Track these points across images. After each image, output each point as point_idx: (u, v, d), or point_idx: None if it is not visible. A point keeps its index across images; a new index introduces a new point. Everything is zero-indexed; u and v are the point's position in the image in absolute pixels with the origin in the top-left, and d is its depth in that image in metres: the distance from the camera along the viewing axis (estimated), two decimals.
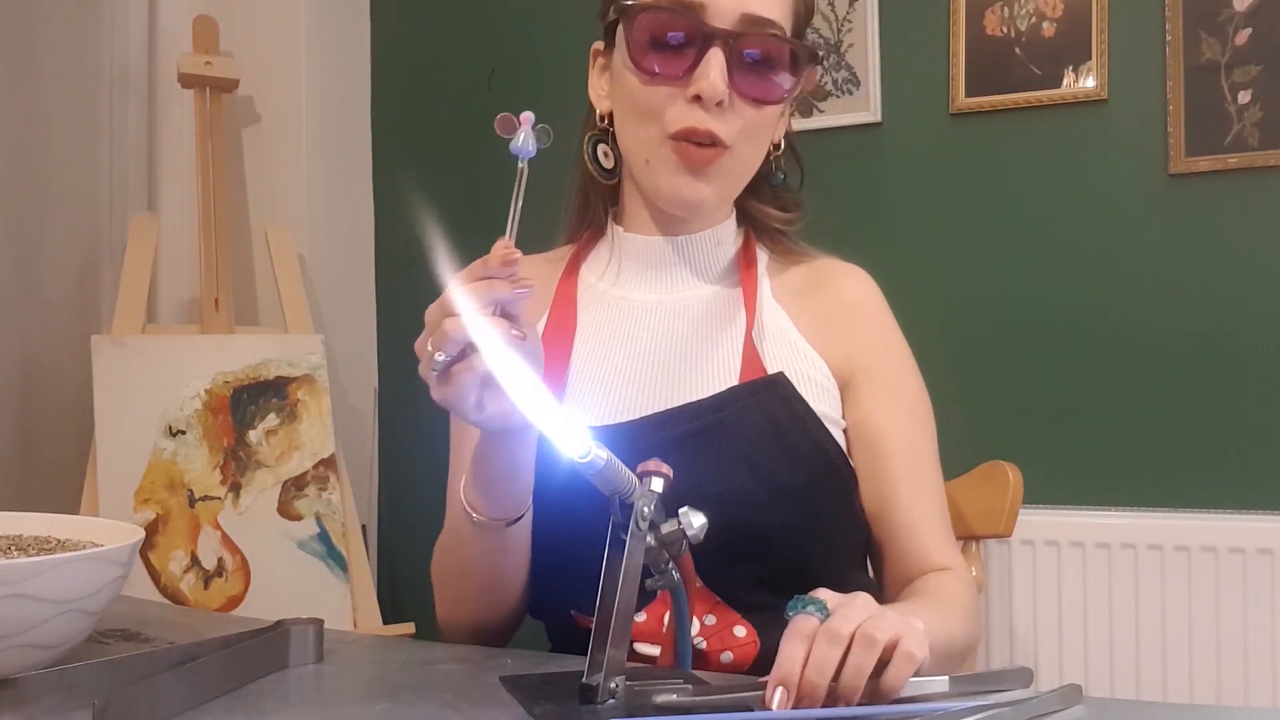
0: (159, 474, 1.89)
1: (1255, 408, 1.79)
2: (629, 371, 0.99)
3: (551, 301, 1.05)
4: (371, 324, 2.44)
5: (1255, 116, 1.78)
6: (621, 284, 1.05)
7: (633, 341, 1.01)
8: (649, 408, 0.95)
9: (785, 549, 0.91)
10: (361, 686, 0.81)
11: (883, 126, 2.01)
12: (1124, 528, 1.77)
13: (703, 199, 0.97)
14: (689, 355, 0.99)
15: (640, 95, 0.96)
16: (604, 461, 0.66)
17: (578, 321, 1.03)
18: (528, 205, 0.75)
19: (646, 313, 1.03)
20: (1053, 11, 1.90)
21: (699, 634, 0.90)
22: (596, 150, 1.05)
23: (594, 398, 0.98)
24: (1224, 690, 1.71)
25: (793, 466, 0.91)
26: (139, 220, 2.07)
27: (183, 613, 1.34)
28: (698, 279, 1.04)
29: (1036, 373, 1.90)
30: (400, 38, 2.45)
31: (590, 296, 1.05)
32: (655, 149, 0.96)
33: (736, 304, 1.02)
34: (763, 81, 0.95)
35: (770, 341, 0.99)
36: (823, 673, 0.65)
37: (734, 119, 0.94)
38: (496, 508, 0.85)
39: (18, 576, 0.70)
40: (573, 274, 1.07)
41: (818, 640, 0.66)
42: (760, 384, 0.95)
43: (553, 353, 1.00)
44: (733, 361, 0.97)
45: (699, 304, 1.03)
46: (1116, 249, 1.88)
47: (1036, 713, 0.68)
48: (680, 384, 0.97)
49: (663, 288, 1.03)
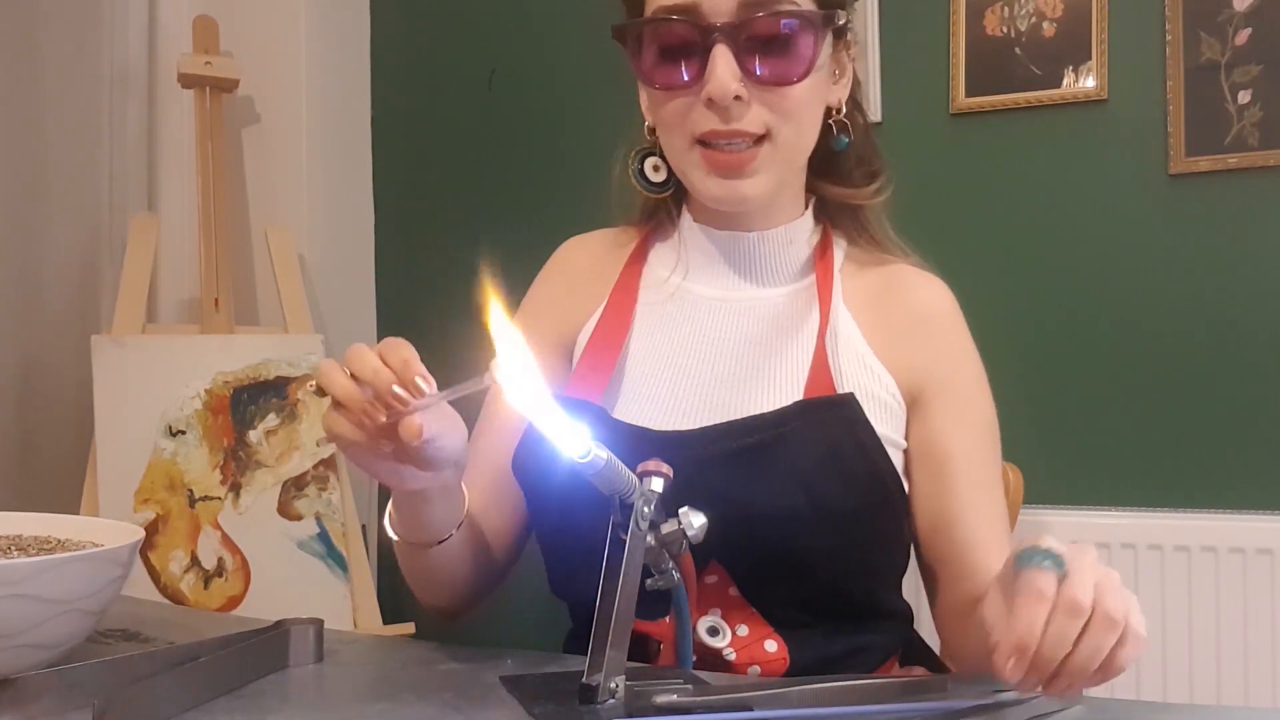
0: (159, 474, 1.88)
1: (1255, 408, 1.79)
2: (691, 373, 0.97)
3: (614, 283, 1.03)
4: (371, 324, 2.43)
5: (1255, 116, 1.78)
6: (688, 276, 1.02)
7: (696, 340, 0.99)
8: (709, 417, 0.92)
9: (828, 571, 0.89)
10: (361, 686, 0.80)
11: (883, 126, 2.01)
12: (1124, 528, 1.77)
13: (746, 196, 0.94)
14: (756, 361, 0.96)
15: (662, 108, 0.94)
16: (604, 461, 0.66)
17: (636, 313, 1.01)
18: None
19: (712, 310, 1.00)
20: (1053, 11, 1.90)
21: (730, 644, 0.89)
22: (644, 165, 1.02)
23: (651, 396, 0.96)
24: (1224, 690, 1.70)
25: (847, 491, 0.87)
26: (139, 220, 2.07)
27: (183, 613, 1.34)
28: (769, 278, 1.01)
29: (1036, 373, 1.90)
30: (400, 38, 2.45)
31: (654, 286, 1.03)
32: (685, 156, 0.95)
33: (810, 308, 0.98)
34: (778, 62, 0.91)
35: (840, 352, 0.96)
36: (1061, 648, 0.62)
37: (760, 109, 0.91)
38: (413, 536, 0.86)
39: (18, 576, 0.70)
40: (638, 263, 1.05)
41: (1058, 611, 0.62)
42: (826, 403, 0.90)
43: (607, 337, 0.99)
44: (800, 371, 0.94)
45: (769, 306, 0.99)
46: (1116, 249, 1.88)
47: (1036, 712, 0.68)
48: (744, 393, 0.94)
49: (729, 285, 1.01)
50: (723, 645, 0.88)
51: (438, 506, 0.83)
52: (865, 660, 0.94)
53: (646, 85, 0.94)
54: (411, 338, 0.74)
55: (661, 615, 0.88)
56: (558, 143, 2.24)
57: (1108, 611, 0.62)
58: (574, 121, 2.22)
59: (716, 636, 0.88)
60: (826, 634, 0.90)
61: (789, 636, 0.89)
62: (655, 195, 1.03)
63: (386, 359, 0.71)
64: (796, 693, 0.66)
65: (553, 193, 2.21)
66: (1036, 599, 0.62)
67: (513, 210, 2.27)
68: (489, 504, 0.99)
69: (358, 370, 0.71)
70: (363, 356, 0.71)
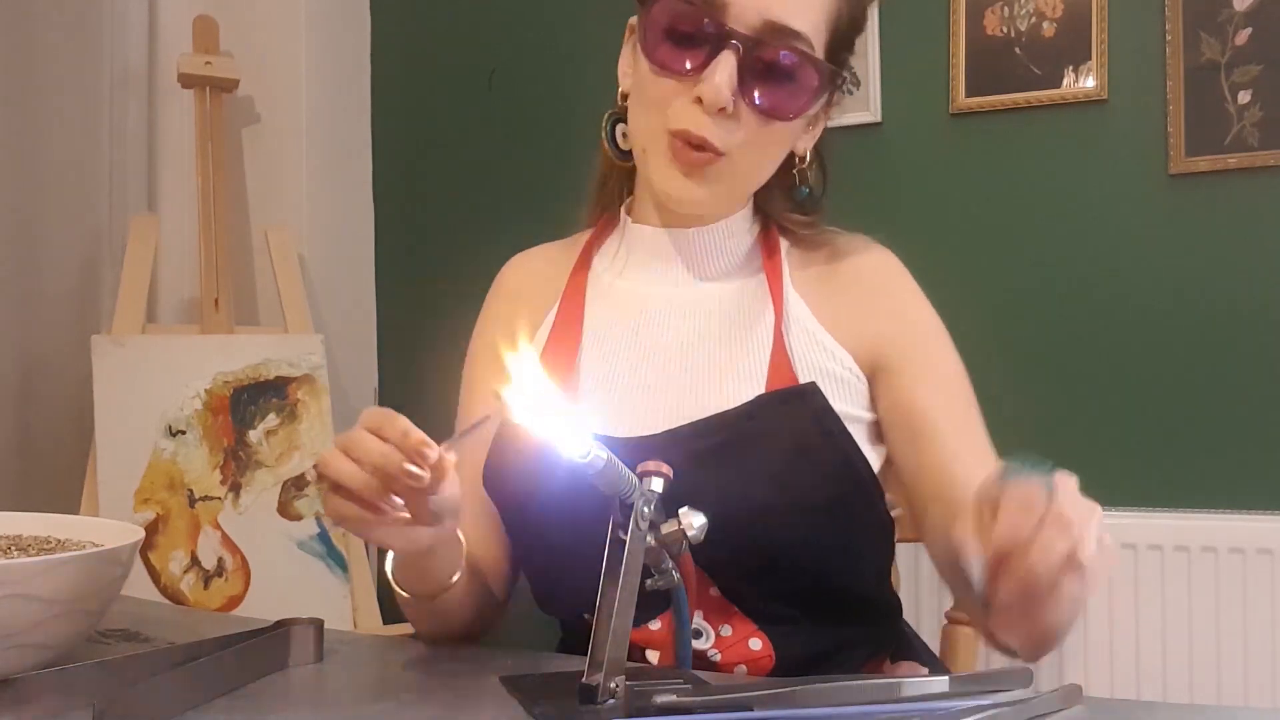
0: (159, 474, 1.89)
1: (1255, 408, 1.79)
2: (649, 376, 0.95)
3: (562, 294, 1.02)
4: (371, 324, 2.43)
5: (1255, 116, 1.78)
6: (629, 275, 1.01)
7: (650, 339, 0.97)
8: (673, 418, 0.91)
9: (808, 564, 0.88)
10: (362, 687, 0.81)
11: (883, 126, 2.01)
12: (1124, 528, 1.77)
13: (695, 200, 0.93)
14: (714, 356, 0.95)
15: (649, 84, 0.92)
16: (604, 462, 0.66)
17: (585, 317, 1.00)
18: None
19: (661, 309, 0.98)
20: (1053, 11, 1.90)
21: (714, 645, 0.88)
22: (615, 129, 1.00)
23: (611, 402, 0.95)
24: (1224, 690, 1.70)
25: (819, 481, 0.87)
26: (139, 220, 2.07)
27: (183, 613, 1.35)
28: (713, 272, 0.99)
29: (1035, 372, 1.90)
30: (400, 38, 2.45)
31: (599, 289, 1.02)
32: (654, 140, 0.93)
33: (762, 298, 0.97)
34: (775, 95, 0.90)
35: (794, 337, 0.94)
36: (1048, 563, 0.60)
37: (736, 128, 0.90)
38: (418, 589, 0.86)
39: (18, 576, 0.70)
40: (585, 266, 1.03)
41: (1049, 524, 0.61)
42: (789, 394, 0.90)
43: (560, 350, 0.98)
44: (760, 364, 0.93)
45: (719, 300, 0.98)
46: (1116, 249, 1.88)
47: (1037, 712, 0.68)
48: (706, 390, 0.93)
49: (674, 281, 0.99)
50: (706, 647, 0.88)
51: (441, 557, 0.84)
52: (854, 654, 0.94)
53: (646, 56, 0.92)
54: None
55: (644, 621, 0.88)
56: (558, 143, 2.24)
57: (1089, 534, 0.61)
58: (574, 121, 2.22)
59: (700, 639, 0.88)
60: (812, 628, 0.90)
61: (773, 633, 0.89)
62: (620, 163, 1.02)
63: (384, 435, 0.71)
64: (797, 692, 0.66)
65: (552, 192, 2.20)
66: (1027, 511, 0.61)
67: (513, 210, 2.27)
68: (479, 538, 0.98)
69: (363, 458, 0.71)
70: (363, 443, 0.71)
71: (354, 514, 0.72)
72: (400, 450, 0.70)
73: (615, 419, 0.93)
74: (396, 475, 0.70)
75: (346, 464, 0.71)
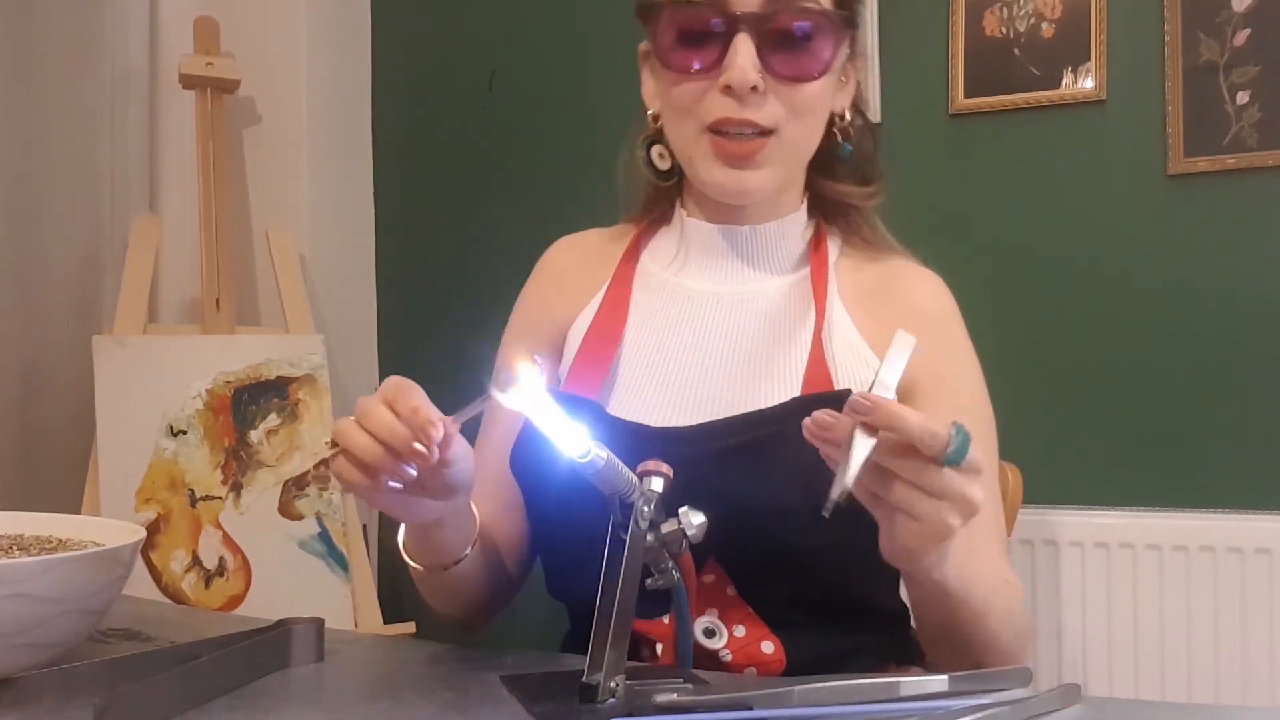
0: (160, 474, 1.89)
1: (1254, 408, 1.79)
2: (687, 369, 0.96)
3: (609, 283, 1.03)
4: (372, 324, 2.43)
5: (1254, 117, 1.78)
6: (681, 271, 1.02)
7: (693, 334, 0.98)
8: (707, 413, 0.92)
9: (826, 569, 0.88)
10: (362, 686, 0.81)
11: (882, 127, 2.01)
12: (1123, 528, 1.77)
13: (750, 189, 0.95)
14: (754, 356, 0.96)
15: (675, 92, 0.94)
16: (604, 461, 0.66)
17: (631, 306, 1.01)
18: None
19: (707, 304, 0.99)
20: (1051, 12, 1.90)
21: (726, 645, 0.88)
22: (650, 152, 1.02)
23: (648, 392, 0.95)
24: (1222, 689, 1.71)
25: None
26: (140, 220, 2.08)
27: (184, 612, 1.35)
28: (763, 272, 1.00)
29: (1035, 373, 1.90)
30: (400, 38, 2.45)
31: (648, 281, 1.03)
32: (695, 144, 0.94)
33: (805, 302, 0.98)
34: (798, 59, 0.92)
35: (836, 347, 0.95)
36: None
37: (774, 103, 0.92)
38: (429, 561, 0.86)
39: (19, 576, 0.71)
40: (632, 259, 1.04)
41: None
42: (825, 399, 0.89)
43: (603, 334, 0.98)
44: (798, 368, 0.94)
45: (765, 300, 0.99)
46: (1115, 250, 1.88)
47: (1035, 712, 0.68)
48: (743, 388, 0.94)
49: (724, 279, 1.00)
50: (719, 647, 0.88)
51: (451, 530, 0.84)
52: (862, 660, 0.94)
53: (663, 66, 0.94)
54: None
55: (658, 614, 0.88)
56: (558, 143, 2.24)
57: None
58: (574, 122, 2.22)
59: (713, 638, 0.88)
60: (823, 634, 0.90)
61: (785, 637, 0.89)
62: (662, 184, 1.03)
63: (396, 409, 0.71)
64: (797, 692, 0.67)
65: (552, 193, 2.21)
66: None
67: (513, 210, 2.27)
68: (497, 514, 0.99)
69: (374, 429, 0.71)
70: (376, 413, 0.71)
71: (359, 478, 0.73)
72: (408, 427, 0.70)
73: (650, 408, 0.94)
74: (404, 451, 0.70)
75: (359, 435, 0.71)
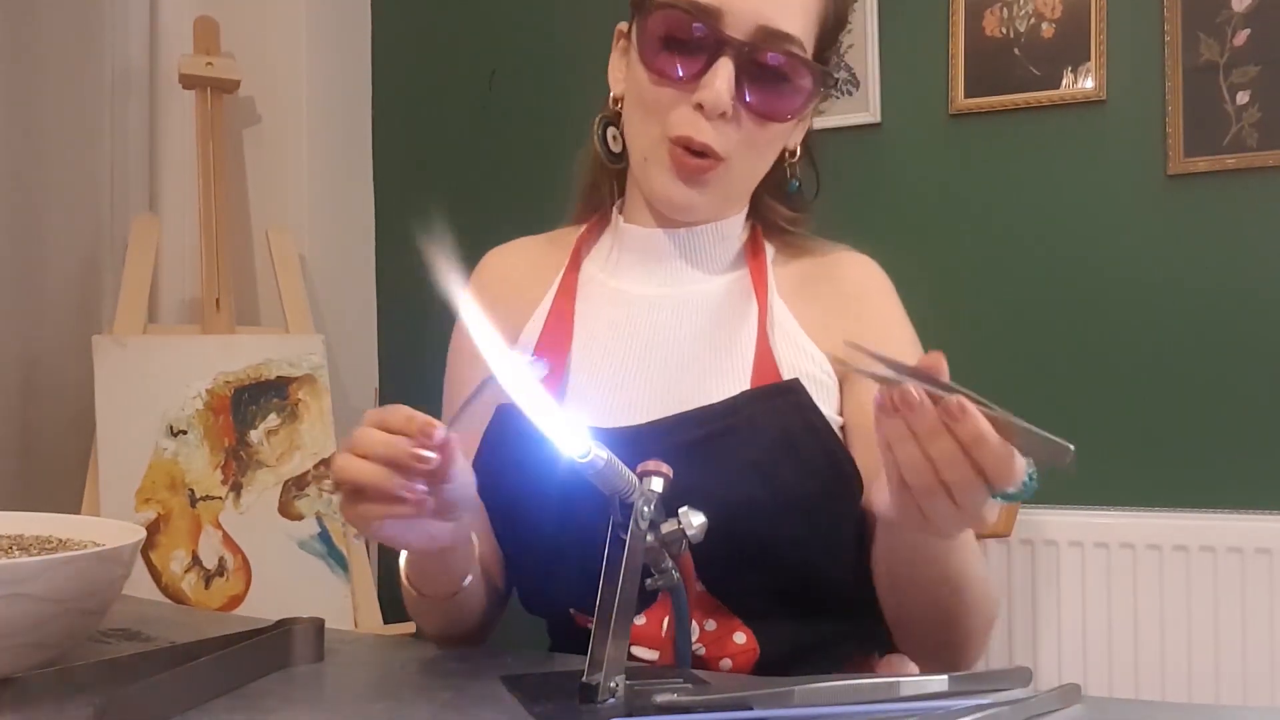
0: (160, 474, 1.89)
1: (1254, 408, 1.80)
2: (636, 370, 0.97)
3: (555, 291, 1.03)
4: (372, 324, 2.44)
5: (1254, 117, 1.78)
6: (620, 276, 1.02)
7: (638, 337, 0.98)
8: (658, 411, 0.92)
9: (793, 559, 0.89)
10: (362, 686, 0.81)
11: (882, 127, 2.02)
12: (1123, 527, 1.77)
13: (694, 205, 0.95)
14: (699, 354, 0.96)
15: (647, 92, 0.93)
16: (604, 461, 0.66)
17: (576, 314, 1.01)
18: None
19: (650, 306, 1.00)
20: (1051, 12, 1.90)
21: (699, 640, 0.89)
22: (606, 133, 1.02)
23: (598, 397, 0.96)
24: (1222, 689, 1.71)
25: (804, 476, 0.88)
26: (140, 220, 2.08)
27: (184, 612, 1.35)
28: (701, 273, 1.01)
29: (1034, 373, 1.90)
30: (400, 38, 2.46)
31: (590, 288, 1.03)
32: (653, 148, 0.94)
33: (747, 298, 0.99)
34: (771, 97, 0.92)
35: (778, 339, 0.96)
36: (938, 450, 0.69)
37: (734, 132, 0.92)
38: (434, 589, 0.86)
39: (19, 576, 0.70)
40: (576, 267, 1.05)
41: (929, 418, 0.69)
42: (774, 389, 0.91)
43: (552, 347, 0.99)
44: (745, 362, 0.94)
45: (707, 299, 1.00)
46: (1115, 250, 1.88)
47: (1035, 712, 0.68)
48: (690, 386, 0.94)
49: (663, 281, 1.01)
50: (691, 641, 0.88)
51: (457, 556, 0.83)
52: (839, 649, 0.94)
53: (642, 61, 0.94)
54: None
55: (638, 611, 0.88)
56: (558, 143, 2.24)
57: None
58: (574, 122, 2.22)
59: None
60: (796, 623, 0.90)
61: (758, 627, 0.89)
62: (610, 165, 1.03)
63: (388, 425, 0.70)
64: (797, 692, 0.67)
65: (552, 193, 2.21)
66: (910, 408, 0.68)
67: (513, 210, 2.26)
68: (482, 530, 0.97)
69: (370, 451, 0.70)
70: (368, 437, 0.71)
71: (376, 513, 0.71)
72: (405, 435, 0.70)
73: (601, 411, 0.94)
74: (407, 461, 0.69)
75: (357, 462, 0.71)
